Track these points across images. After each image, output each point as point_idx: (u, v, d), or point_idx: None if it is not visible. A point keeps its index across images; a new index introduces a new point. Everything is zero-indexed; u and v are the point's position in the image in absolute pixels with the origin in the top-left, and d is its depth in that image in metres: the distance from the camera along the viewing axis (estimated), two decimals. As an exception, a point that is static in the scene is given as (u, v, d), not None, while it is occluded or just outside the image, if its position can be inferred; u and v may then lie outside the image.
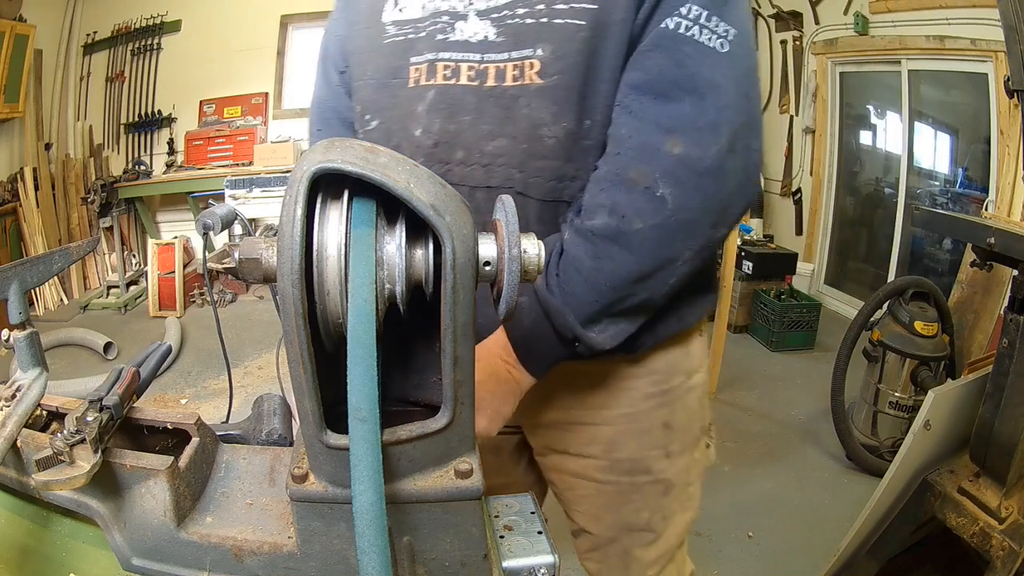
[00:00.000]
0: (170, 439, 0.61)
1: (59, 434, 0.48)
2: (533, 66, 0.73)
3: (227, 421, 0.80)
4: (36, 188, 4.48)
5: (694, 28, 0.70)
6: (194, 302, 4.53)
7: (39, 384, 0.58)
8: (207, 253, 2.24)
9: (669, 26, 0.70)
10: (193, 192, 4.80)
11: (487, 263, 0.45)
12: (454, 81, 0.76)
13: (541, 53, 0.72)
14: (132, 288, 4.64)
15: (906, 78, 3.74)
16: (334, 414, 0.46)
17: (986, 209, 3.20)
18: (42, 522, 0.59)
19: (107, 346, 3.64)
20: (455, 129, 0.76)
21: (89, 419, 0.50)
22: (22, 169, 4.45)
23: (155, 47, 4.98)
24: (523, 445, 1.05)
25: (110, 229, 4.67)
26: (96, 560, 0.57)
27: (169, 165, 5.05)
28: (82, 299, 4.56)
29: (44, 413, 0.61)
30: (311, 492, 0.49)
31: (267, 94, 5.06)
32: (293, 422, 0.71)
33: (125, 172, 4.85)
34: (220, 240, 4.45)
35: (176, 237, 4.72)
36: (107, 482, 0.53)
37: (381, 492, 0.39)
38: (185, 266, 4.57)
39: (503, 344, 0.78)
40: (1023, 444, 1.31)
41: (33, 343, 0.59)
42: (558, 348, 0.76)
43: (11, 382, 0.58)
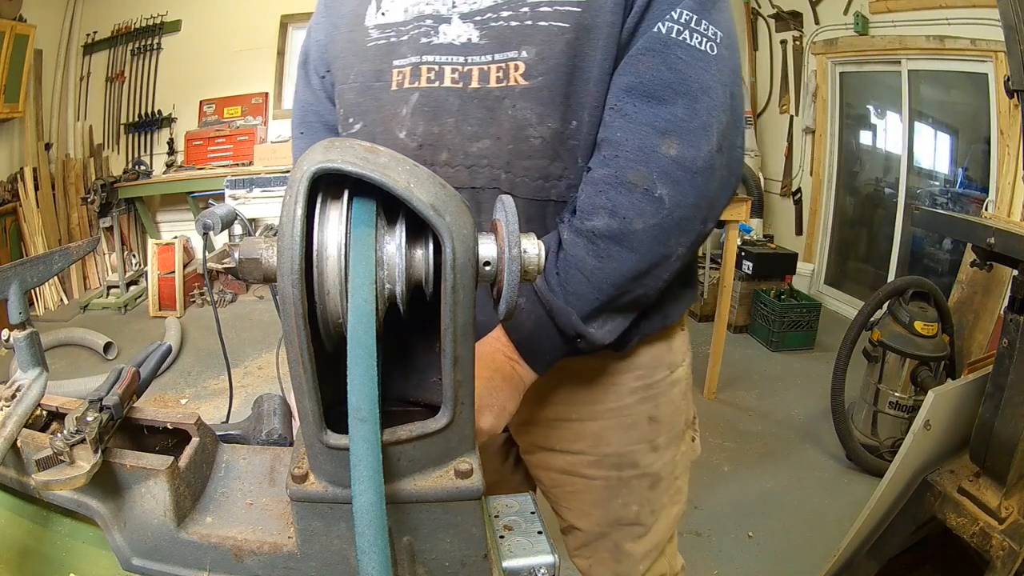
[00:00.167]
0: (170, 439, 0.61)
1: (59, 434, 0.48)
2: (518, 68, 0.74)
3: (227, 421, 0.80)
4: (36, 188, 4.48)
5: (685, 32, 0.71)
6: (194, 302, 4.53)
7: (39, 384, 0.58)
8: (207, 253, 2.24)
9: (661, 30, 0.72)
10: (193, 192, 4.80)
11: (487, 263, 0.45)
12: (438, 84, 0.77)
13: (525, 55, 0.73)
14: (132, 288, 4.64)
15: (906, 78, 3.74)
16: (334, 414, 0.46)
17: (986, 209, 3.20)
18: (42, 522, 0.59)
19: (107, 346, 3.64)
20: (439, 131, 0.77)
21: (89, 419, 0.50)
22: (22, 169, 4.46)
23: (155, 47, 4.99)
24: (509, 444, 1.05)
25: (110, 229, 4.67)
26: (96, 560, 0.57)
27: (169, 165, 5.05)
28: (82, 299, 4.56)
29: (44, 413, 0.61)
30: (311, 492, 0.49)
31: (267, 94, 5.07)
32: (293, 422, 0.71)
33: (125, 172, 4.86)
34: (220, 240, 4.45)
35: (176, 237, 4.72)
36: (107, 482, 0.53)
37: (381, 492, 0.39)
38: (185, 266, 4.57)
39: (505, 341, 0.79)
40: (1023, 444, 1.31)
41: (33, 343, 0.59)
42: (561, 345, 0.78)
43: (11, 382, 0.58)
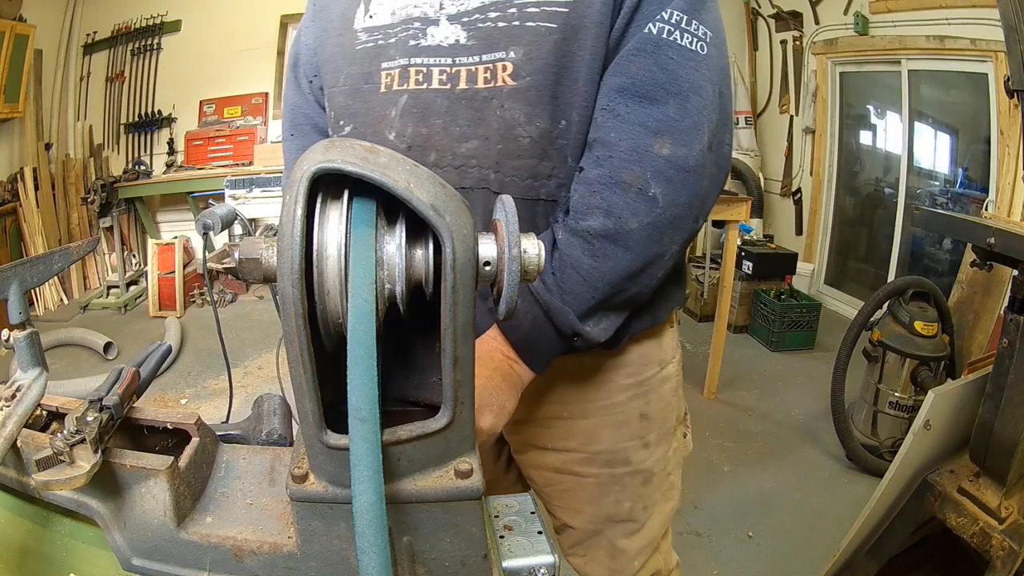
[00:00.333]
0: (170, 439, 0.61)
1: (59, 434, 0.48)
2: (506, 68, 0.74)
3: (227, 421, 0.80)
4: (36, 188, 4.48)
5: (676, 32, 0.72)
6: (194, 302, 4.52)
7: (39, 384, 0.58)
8: (207, 253, 2.24)
9: (652, 31, 0.72)
10: (193, 192, 4.80)
11: (487, 263, 0.45)
12: (426, 86, 0.77)
13: (513, 55, 0.74)
14: (132, 288, 4.64)
15: (906, 78, 3.74)
16: (334, 414, 0.46)
17: (986, 209, 3.20)
18: (42, 522, 0.59)
19: (107, 346, 3.64)
20: (427, 132, 0.77)
21: (89, 419, 0.50)
22: (22, 169, 4.45)
23: (155, 47, 4.98)
24: (500, 443, 1.05)
25: (110, 229, 4.67)
26: (96, 560, 0.57)
27: (169, 165, 5.05)
28: (82, 299, 4.56)
29: (44, 413, 0.61)
30: (311, 492, 0.49)
31: (267, 94, 5.06)
32: (293, 422, 0.71)
33: (125, 172, 4.85)
34: (220, 240, 4.46)
35: (176, 237, 4.72)
36: (107, 482, 0.53)
37: (381, 492, 0.39)
38: (185, 266, 4.57)
39: (502, 341, 0.79)
40: (1023, 444, 1.31)
41: (33, 343, 0.59)
42: (558, 344, 0.78)
43: (11, 382, 0.58)
